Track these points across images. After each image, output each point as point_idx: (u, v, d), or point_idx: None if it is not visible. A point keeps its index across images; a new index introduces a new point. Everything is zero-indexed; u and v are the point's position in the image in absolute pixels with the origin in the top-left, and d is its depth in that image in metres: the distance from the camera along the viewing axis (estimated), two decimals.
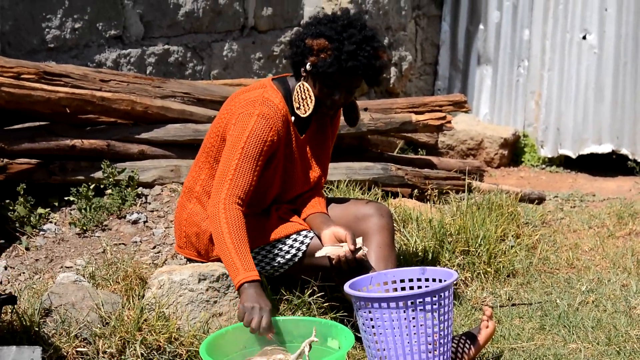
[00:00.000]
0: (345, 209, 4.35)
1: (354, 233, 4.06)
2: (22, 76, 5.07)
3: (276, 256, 4.14)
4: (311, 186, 4.35)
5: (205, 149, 4.24)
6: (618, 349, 4.05)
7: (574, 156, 8.84)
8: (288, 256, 4.13)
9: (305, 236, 4.14)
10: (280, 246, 4.14)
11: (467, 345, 3.87)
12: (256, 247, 4.11)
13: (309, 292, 4.16)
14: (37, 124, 5.28)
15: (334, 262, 4.03)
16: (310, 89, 4.10)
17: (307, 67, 4.07)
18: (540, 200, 6.90)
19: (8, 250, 4.74)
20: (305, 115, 4.12)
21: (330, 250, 4.03)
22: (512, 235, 5.53)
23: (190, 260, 4.32)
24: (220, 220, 3.92)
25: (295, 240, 4.14)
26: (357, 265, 4.05)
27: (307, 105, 4.10)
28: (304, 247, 4.12)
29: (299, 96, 4.12)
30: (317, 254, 4.05)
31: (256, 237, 4.11)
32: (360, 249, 4.02)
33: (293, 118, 4.18)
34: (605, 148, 8.69)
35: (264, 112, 4.05)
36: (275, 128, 4.06)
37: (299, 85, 4.12)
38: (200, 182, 4.23)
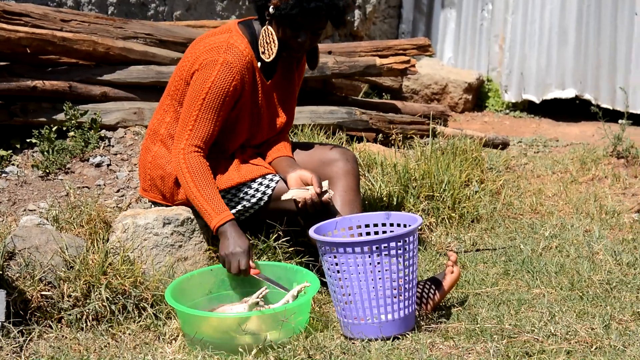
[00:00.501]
0: (310, 154, 4.34)
1: (319, 177, 4.05)
2: None
3: (241, 200, 4.12)
4: (277, 130, 4.32)
5: (170, 92, 4.20)
6: (581, 294, 4.08)
7: (537, 101, 8.86)
8: (254, 200, 4.11)
9: (271, 180, 4.12)
10: (245, 190, 4.12)
11: (432, 290, 3.89)
12: (222, 190, 4.09)
13: (274, 237, 4.15)
14: None
15: (299, 205, 4.02)
16: (274, 33, 4.06)
17: (270, 10, 4.02)
18: (504, 145, 6.92)
19: None
20: (269, 60, 4.08)
21: (296, 193, 4.02)
22: (477, 181, 5.55)
23: (154, 204, 4.29)
24: (183, 170, 3.96)
25: (260, 184, 4.12)
26: (322, 209, 4.05)
27: (272, 49, 4.07)
28: (269, 191, 4.10)
29: (264, 40, 4.08)
30: (283, 197, 4.04)
31: (222, 180, 4.09)
32: (326, 192, 4.02)
33: (259, 64, 4.15)
34: (568, 93, 8.71)
35: (228, 59, 4.02)
36: (238, 76, 4.03)
37: (264, 30, 4.08)
38: (165, 125, 4.19)
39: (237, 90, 4.05)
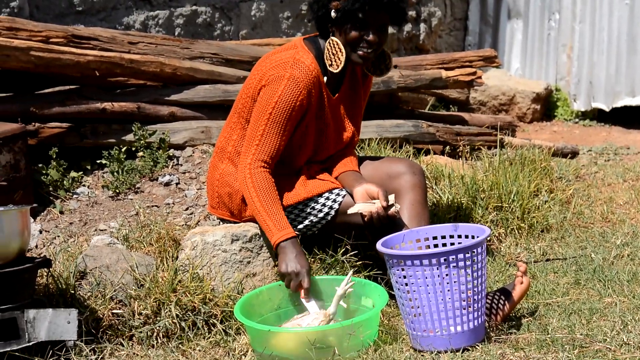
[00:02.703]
0: (377, 167, 4.34)
1: (386, 190, 4.05)
2: (51, 40, 5.08)
3: (309, 215, 4.14)
4: (343, 146, 4.33)
5: (237, 110, 4.24)
6: None
7: (607, 109, 8.76)
8: (320, 215, 4.12)
9: (338, 194, 4.13)
10: (312, 205, 4.13)
11: (501, 301, 3.85)
12: (288, 205, 4.11)
13: (342, 251, 4.16)
14: (68, 87, 5.30)
15: (366, 219, 4.02)
16: (339, 42, 4.07)
17: (332, 14, 4.05)
18: (574, 154, 6.85)
19: (42, 214, 4.76)
20: (337, 71, 4.09)
21: (363, 207, 4.02)
22: (546, 190, 5.50)
23: (223, 221, 4.32)
24: (248, 184, 3.98)
25: (327, 198, 4.13)
26: (389, 223, 4.04)
27: (339, 59, 4.08)
28: (336, 205, 4.11)
29: (330, 52, 4.09)
30: (350, 211, 4.04)
31: (288, 196, 4.11)
32: (392, 205, 4.01)
33: (325, 78, 4.16)
34: (639, 100, 8.59)
35: (295, 74, 4.03)
36: (305, 91, 4.04)
37: (329, 42, 4.10)
38: (232, 143, 4.23)
39: (304, 105, 4.06)
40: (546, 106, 8.96)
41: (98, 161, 5.15)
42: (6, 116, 4.90)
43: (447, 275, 3.56)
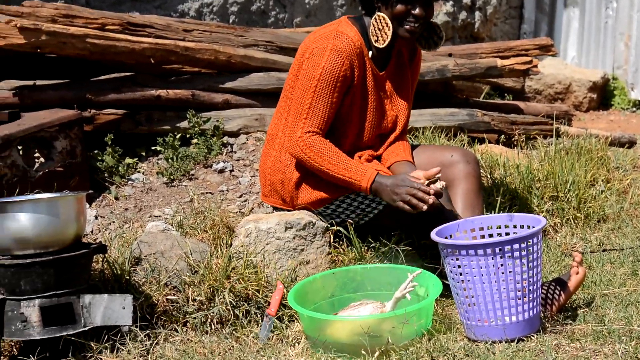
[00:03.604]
0: (430, 156, 4.31)
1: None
2: (107, 27, 5.12)
3: (361, 203, 4.12)
4: (390, 126, 4.31)
5: (285, 93, 4.25)
6: None
7: None
8: (373, 204, 4.11)
9: None
10: (361, 198, 4.12)
11: (557, 291, 3.82)
12: (341, 195, 4.10)
13: (395, 240, 4.14)
14: (122, 74, 5.33)
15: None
16: (386, 17, 4.06)
17: None
18: (631, 144, 6.76)
19: (98, 199, 4.80)
20: (383, 46, 4.08)
21: None
22: (602, 180, 5.43)
23: (275, 209, 4.32)
24: (308, 154, 4.00)
25: None
26: (437, 209, 3.99)
27: (385, 34, 4.07)
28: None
29: (376, 27, 4.09)
30: None
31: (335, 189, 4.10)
32: (436, 181, 3.94)
33: (370, 53, 4.15)
34: None
35: (337, 45, 4.04)
36: (348, 61, 4.04)
37: (375, 17, 4.09)
38: (282, 128, 4.22)
39: (347, 76, 4.06)
40: (603, 95, 8.86)
41: (153, 148, 5.18)
42: (62, 102, 4.94)
43: (502, 265, 3.53)
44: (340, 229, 4.17)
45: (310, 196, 4.15)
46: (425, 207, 3.84)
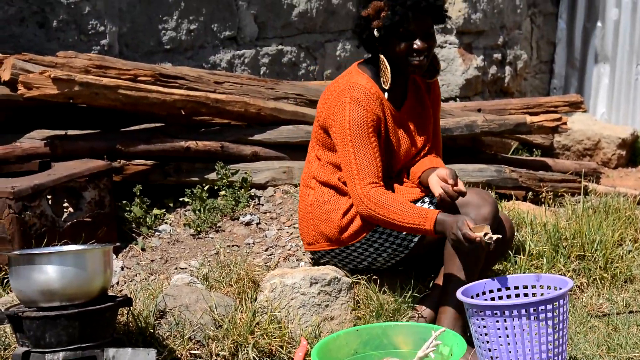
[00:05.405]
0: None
1: (454, 171, 4.13)
2: (139, 78, 5.16)
3: (396, 238, 4.22)
4: (417, 159, 4.42)
5: (312, 142, 4.40)
6: None
7: None
8: (405, 242, 4.18)
9: (428, 203, 4.26)
10: None
11: None
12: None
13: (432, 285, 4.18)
14: (153, 125, 5.36)
15: (437, 200, 4.11)
16: (384, 59, 4.17)
17: (376, 34, 4.15)
18: None
19: (125, 250, 4.82)
20: (387, 87, 4.19)
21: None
22: (630, 240, 5.40)
23: (322, 257, 4.37)
24: (372, 209, 4.07)
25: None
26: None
27: (387, 75, 4.17)
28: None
29: (381, 71, 4.20)
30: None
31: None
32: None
33: (386, 95, 4.23)
34: None
35: (354, 96, 4.15)
36: (369, 107, 4.15)
37: (380, 60, 4.20)
38: (312, 173, 4.36)
39: (374, 119, 4.16)
40: (632, 152, 8.81)
41: (180, 199, 5.20)
42: (93, 153, 4.98)
43: (527, 327, 3.52)
44: (363, 281, 4.22)
45: (357, 222, 4.23)
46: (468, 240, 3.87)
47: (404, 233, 4.19)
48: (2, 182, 4.43)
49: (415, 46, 4.12)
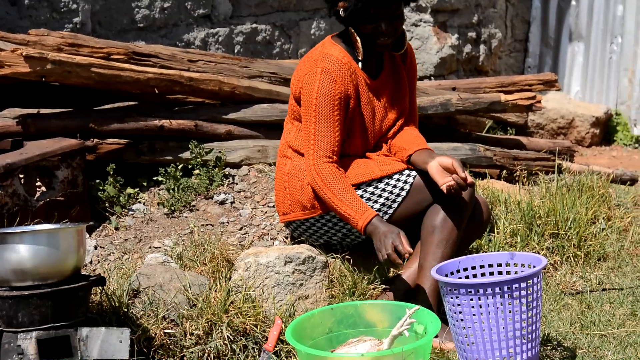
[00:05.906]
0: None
1: (459, 161, 4.09)
2: (112, 57, 5.13)
3: (380, 196, 4.19)
4: (395, 129, 4.40)
5: (288, 117, 4.44)
6: None
7: None
8: (392, 196, 4.16)
9: (408, 175, 4.22)
10: (385, 183, 4.19)
11: None
12: (362, 182, 4.21)
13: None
14: (126, 104, 5.33)
15: (445, 192, 4.05)
16: (354, 33, 4.20)
17: (341, 13, 4.17)
18: (633, 181, 6.76)
19: (98, 230, 4.80)
20: (360, 57, 4.21)
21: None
22: (603, 218, 5.43)
23: (296, 229, 4.37)
24: (318, 182, 4.10)
25: (398, 180, 4.21)
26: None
27: (358, 47, 4.20)
28: (407, 186, 4.18)
29: (353, 42, 4.24)
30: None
31: (363, 174, 4.22)
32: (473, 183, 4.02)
33: (360, 64, 4.25)
34: None
35: (326, 66, 4.17)
36: (339, 79, 4.16)
37: (350, 33, 4.23)
38: (288, 142, 4.38)
39: (343, 92, 4.17)
40: (605, 130, 8.87)
41: (154, 178, 5.17)
42: (66, 131, 4.94)
43: (501, 304, 3.52)
44: (337, 259, 4.21)
45: None
46: (389, 251, 3.89)
47: (381, 206, 4.18)
48: None
49: (379, 28, 4.13)
